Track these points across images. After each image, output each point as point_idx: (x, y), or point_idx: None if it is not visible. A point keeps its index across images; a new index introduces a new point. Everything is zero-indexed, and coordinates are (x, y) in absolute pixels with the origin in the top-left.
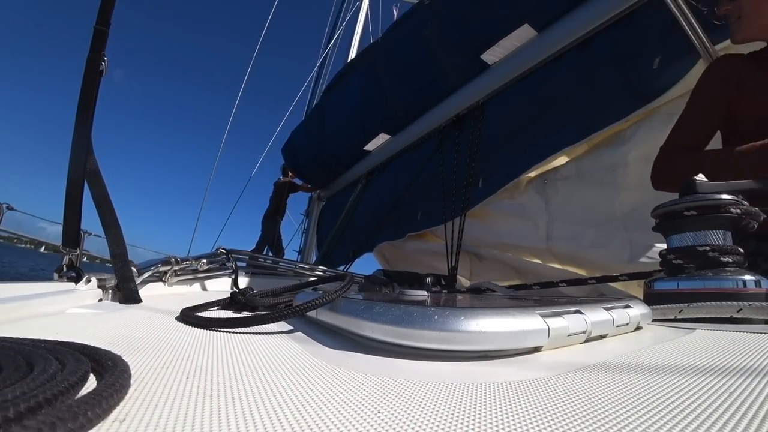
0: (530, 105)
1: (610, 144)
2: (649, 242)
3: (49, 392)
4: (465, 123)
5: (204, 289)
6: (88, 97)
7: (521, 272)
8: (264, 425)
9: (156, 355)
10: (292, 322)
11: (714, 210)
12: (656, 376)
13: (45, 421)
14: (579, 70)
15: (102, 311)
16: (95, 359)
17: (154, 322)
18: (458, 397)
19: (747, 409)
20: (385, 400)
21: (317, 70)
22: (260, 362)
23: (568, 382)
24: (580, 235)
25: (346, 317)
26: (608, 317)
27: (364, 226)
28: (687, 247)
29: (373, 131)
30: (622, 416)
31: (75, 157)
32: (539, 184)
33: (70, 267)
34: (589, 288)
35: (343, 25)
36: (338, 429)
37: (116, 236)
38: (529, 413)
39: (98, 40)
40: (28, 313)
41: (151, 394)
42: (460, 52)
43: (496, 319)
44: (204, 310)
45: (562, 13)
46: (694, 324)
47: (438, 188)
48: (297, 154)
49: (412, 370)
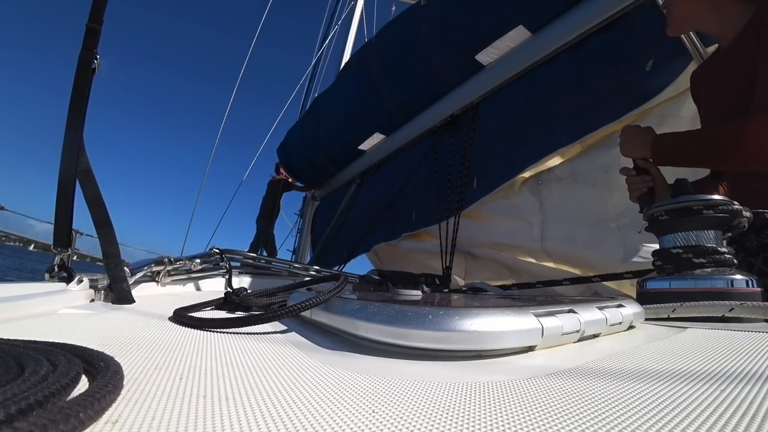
0: (525, 106)
1: (603, 145)
2: (642, 242)
3: (41, 394)
4: (459, 123)
5: (198, 290)
6: (81, 96)
7: (516, 272)
8: (258, 426)
9: (149, 356)
10: (287, 323)
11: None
12: (648, 375)
13: (36, 423)
14: (573, 72)
15: (94, 312)
16: (87, 360)
17: (147, 323)
18: (452, 397)
19: (737, 407)
20: (379, 400)
21: (312, 69)
22: (254, 363)
23: (561, 382)
24: (574, 235)
25: (341, 317)
26: (601, 316)
27: (359, 227)
28: (663, 249)
29: (368, 131)
30: (615, 415)
31: (67, 156)
32: (533, 184)
33: (61, 267)
34: (583, 287)
35: (339, 24)
36: (333, 429)
37: (109, 236)
38: (523, 412)
39: (91, 38)
40: (19, 313)
41: (144, 395)
42: (454, 53)
43: (490, 319)
44: (198, 310)
45: (556, 15)
46: (686, 323)
47: (432, 188)
48: (292, 154)
49: (407, 370)
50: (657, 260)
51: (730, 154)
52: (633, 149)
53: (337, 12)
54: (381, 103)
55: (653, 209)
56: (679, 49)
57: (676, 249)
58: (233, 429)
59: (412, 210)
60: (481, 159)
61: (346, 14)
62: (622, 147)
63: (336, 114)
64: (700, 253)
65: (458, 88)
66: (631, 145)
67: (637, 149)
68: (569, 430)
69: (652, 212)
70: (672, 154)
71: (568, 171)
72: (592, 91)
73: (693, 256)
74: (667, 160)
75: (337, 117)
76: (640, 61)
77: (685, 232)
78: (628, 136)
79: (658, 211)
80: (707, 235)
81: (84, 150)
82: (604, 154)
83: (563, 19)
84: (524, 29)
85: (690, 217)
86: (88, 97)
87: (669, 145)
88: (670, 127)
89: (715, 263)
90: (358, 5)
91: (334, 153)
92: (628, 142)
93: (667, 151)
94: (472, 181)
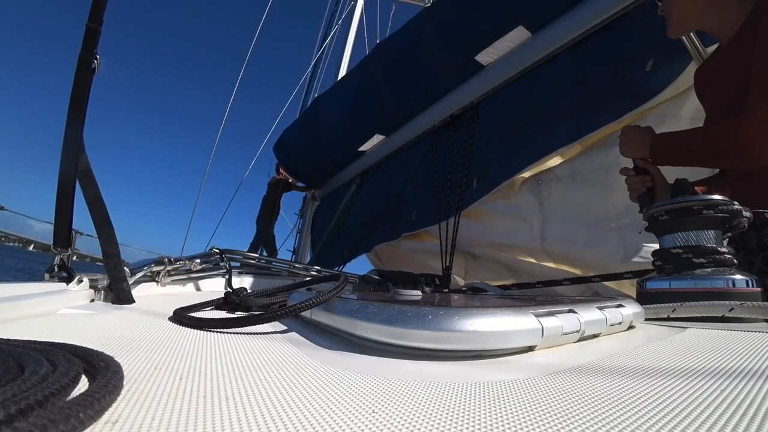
0: (525, 106)
1: (603, 145)
2: (642, 242)
3: (41, 394)
4: (459, 123)
5: (197, 290)
6: (80, 96)
7: (516, 272)
8: (258, 426)
9: (149, 356)
10: (287, 323)
11: (684, 212)
12: (648, 374)
13: (36, 423)
14: (573, 72)
15: (94, 312)
16: (87, 360)
17: (146, 323)
18: (452, 397)
19: (737, 407)
20: (379, 400)
21: (312, 69)
22: (254, 363)
23: (561, 382)
24: (574, 235)
25: (341, 317)
26: (601, 316)
27: (359, 227)
28: (663, 249)
29: (369, 132)
30: (615, 415)
31: (67, 156)
32: (533, 184)
33: (61, 267)
34: (583, 287)
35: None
36: (333, 429)
37: (109, 236)
38: (522, 412)
39: (90, 38)
40: (19, 314)
41: (144, 395)
42: (454, 54)
43: (490, 319)
44: (197, 310)
45: (556, 15)
46: (686, 323)
47: (432, 188)
48: (291, 153)
49: (407, 370)
50: (657, 260)
51: (724, 153)
52: (632, 149)
53: (337, 12)
54: (382, 105)
55: (653, 209)
56: (679, 49)
57: (676, 249)
58: (233, 429)
59: (412, 210)
60: (481, 159)
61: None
62: (622, 147)
63: (337, 116)
64: (700, 253)
65: (458, 88)
66: (630, 145)
67: (637, 149)
68: (569, 429)
69: (652, 212)
70: (670, 154)
71: (568, 171)
72: (592, 91)
73: (693, 256)
74: (665, 160)
75: (338, 119)
76: (640, 61)
77: (685, 232)
78: (628, 136)
79: (658, 211)
80: (707, 235)
81: (84, 150)
82: (604, 154)
83: (563, 19)
84: (524, 29)
85: (690, 217)
86: (88, 97)
87: (667, 145)
88: (670, 127)
89: (715, 263)
90: (358, 5)
91: (334, 154)
92: (628, 142)
93: (665, 151)
94: (472, 181)
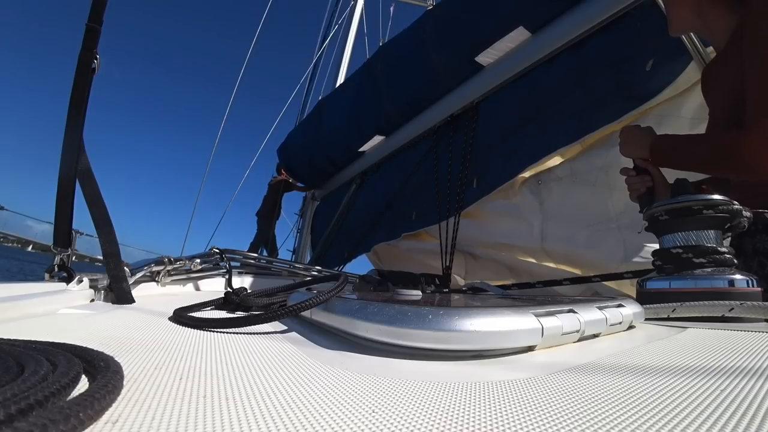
0: (525, 106)
1: (603, 145)
2: (642, 242)
3: (41, 394)
4: (459, 123)
5: (197, 290)
6: (81, 96)
7: (516, 272)
8: (258, 426)
9: (149, 356)
10: (287, 323)
11: (684, 212)
12: (648, 374)
13: (36, 423)
14: (573, 72)
15: (94, 312)
16: (87, 360)
17: (146, 323)
18: (452, 397)
19: (738, 407)
20: (379, 400)
21: (312, 69)
22: (254, 363)
23: (561, 382)
24: (575, 235)
25: (341, 317)
26: (601, 316)
27: (359, 227)
28: (663, 249)
29: (369, 134)
30: (615, 415)
31: (67, 156)
32: (533, 184)
33: (61, 267)
34: (583, 287)
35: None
36: (333, 429)
37: (109, 235)
38: (522, 412)
39: (90, 38)
40: (18, 313)
41: (144, 395)
42: (455, 54)
43: (490, 319)
44: (197, 310)
45: (556, 16)
46: (686, 323)
47: (432, 188)
48: (292, 155)
49: (407, 370)
50: (657, 260)
51: (726, 164)
52: (632, 149)
53: (337, 12)
54: (382, 107)
55: (653, 209)
56: (679, 50)
57: (676, 249)
58: (233, 429)
59: (412, 210)
60: (481, 159)
61: (346, 14)
62: (622, 147)
63: (338, 117)
64: (700, 253)
65: (458, 88)
66: (630, 145)
67: (637, 149)
68: (569, 429)
69: (652, 212)
70: (670, 157)
71: (568, 171)
72: (592, 91)
73: (693, 256)
74: (665, 162)
75: (338, 119)
76: (640, 62)
77: (685, 232)
78: (628, 136)
79: (658, 211)
80: (707, 235)
81: (84, 150)
82: (604, 154)
83: (563, 19)
84: (524, 30)
85: (690, 216)
86: (88, 97)
87: (668, 147)
88: (670, 127)
89: (715, 263)
90: (358, 5)
91: (334, 155)
92: (628, 142)
93: (665, 153)
94: (472, 181)
